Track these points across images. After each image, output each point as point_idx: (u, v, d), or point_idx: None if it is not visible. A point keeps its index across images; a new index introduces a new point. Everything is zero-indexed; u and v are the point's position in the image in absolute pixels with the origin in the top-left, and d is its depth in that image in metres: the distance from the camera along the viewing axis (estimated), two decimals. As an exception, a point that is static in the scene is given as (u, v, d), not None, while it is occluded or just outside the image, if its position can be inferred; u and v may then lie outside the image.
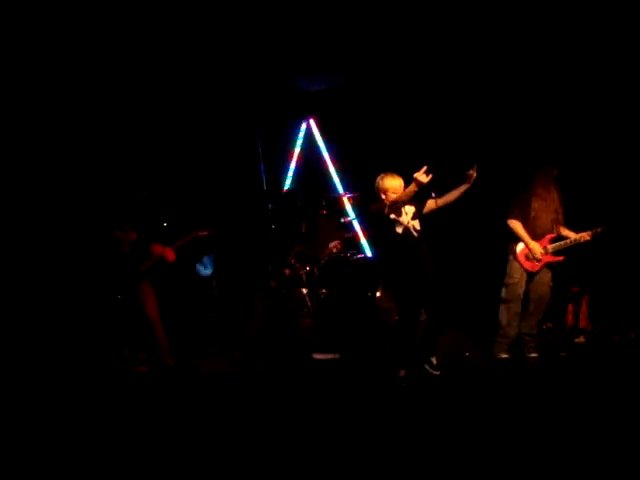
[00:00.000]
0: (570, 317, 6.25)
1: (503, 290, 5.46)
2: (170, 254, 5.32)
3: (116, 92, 6.95)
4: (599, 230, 5.21)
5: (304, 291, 7.64)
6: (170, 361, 5.30)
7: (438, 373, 4.96)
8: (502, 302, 5.46)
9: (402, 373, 4.94)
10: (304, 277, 7.68)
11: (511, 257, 5.43)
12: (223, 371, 5.35)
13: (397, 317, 5.05)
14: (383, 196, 4.88)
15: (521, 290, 5.38)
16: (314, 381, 5.06)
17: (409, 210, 4.93)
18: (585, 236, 5.25)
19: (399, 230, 4.85)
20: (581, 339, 6.06)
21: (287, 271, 5.45)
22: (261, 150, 8.77)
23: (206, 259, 7.71)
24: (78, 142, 6.75)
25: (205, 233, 5.50)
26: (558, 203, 5.40)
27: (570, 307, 6.28)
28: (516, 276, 5.38)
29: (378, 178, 4.95)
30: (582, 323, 6.20)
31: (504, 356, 5.41)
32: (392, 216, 4.81)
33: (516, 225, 5.38)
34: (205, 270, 7.70)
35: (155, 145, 7.39)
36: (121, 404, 4.54)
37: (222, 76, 7.58)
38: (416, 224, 4.93)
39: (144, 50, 6.57)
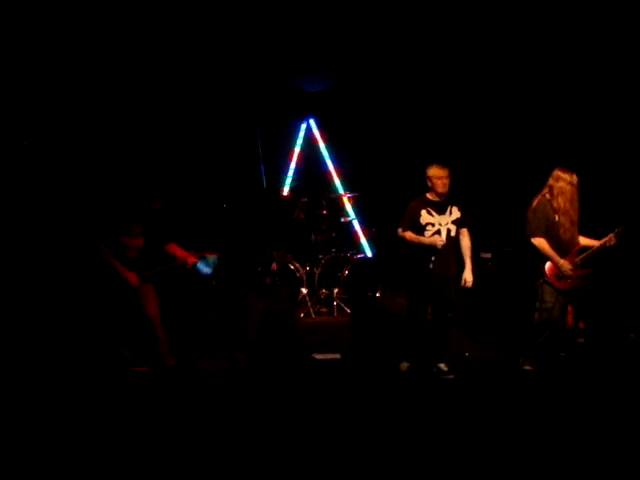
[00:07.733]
0: (570, 318, 6.23)
1: (536, 315, 4.98)
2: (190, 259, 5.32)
3: (116, 92, 6.96)
4: (619, 230, 4.79)
5: (304, 291, 7.66)
6: (170, 361, 5.30)
7: (452, 377, 5.01)
8: (537, 326, 4.99)
9: (404, 366, 5.06)
10: (304, 277, 7.71)
11: (541, 280, 4.96)
12: (223, 371, 5.35)
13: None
14: (429, 183, 5.00)
15: (557, 313, 4.96)
16: (314, 381, 5.06)
17: (455, 212, 5.02)
18: (609, 240, 4.83)
19: (424, 224, 4.97)
20: (581, 340, 6.05)
21: (274, 265, 5.51)
22: (261, 150, 8.77)
23: (206, 259, 7.69)
24: (77, 143, 6.76)
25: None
26: (578, 212, 4.95)
27: (570, 308, 6.26)
28: (551, 300, 4.92)
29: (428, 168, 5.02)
30: (582, 324, 6.19)
31: (528, 368, 5.04)
32: (422, 211, 4.97)
33: (543, 243, 4.89)
34: (205, 269, 7.69)
35: (155, 145, 7.39)
36: (121, 404, 4.53)
37: (222, 76, 7.58)
38: (452, 229, 5.01)
39: (145, 51, 6.58)
